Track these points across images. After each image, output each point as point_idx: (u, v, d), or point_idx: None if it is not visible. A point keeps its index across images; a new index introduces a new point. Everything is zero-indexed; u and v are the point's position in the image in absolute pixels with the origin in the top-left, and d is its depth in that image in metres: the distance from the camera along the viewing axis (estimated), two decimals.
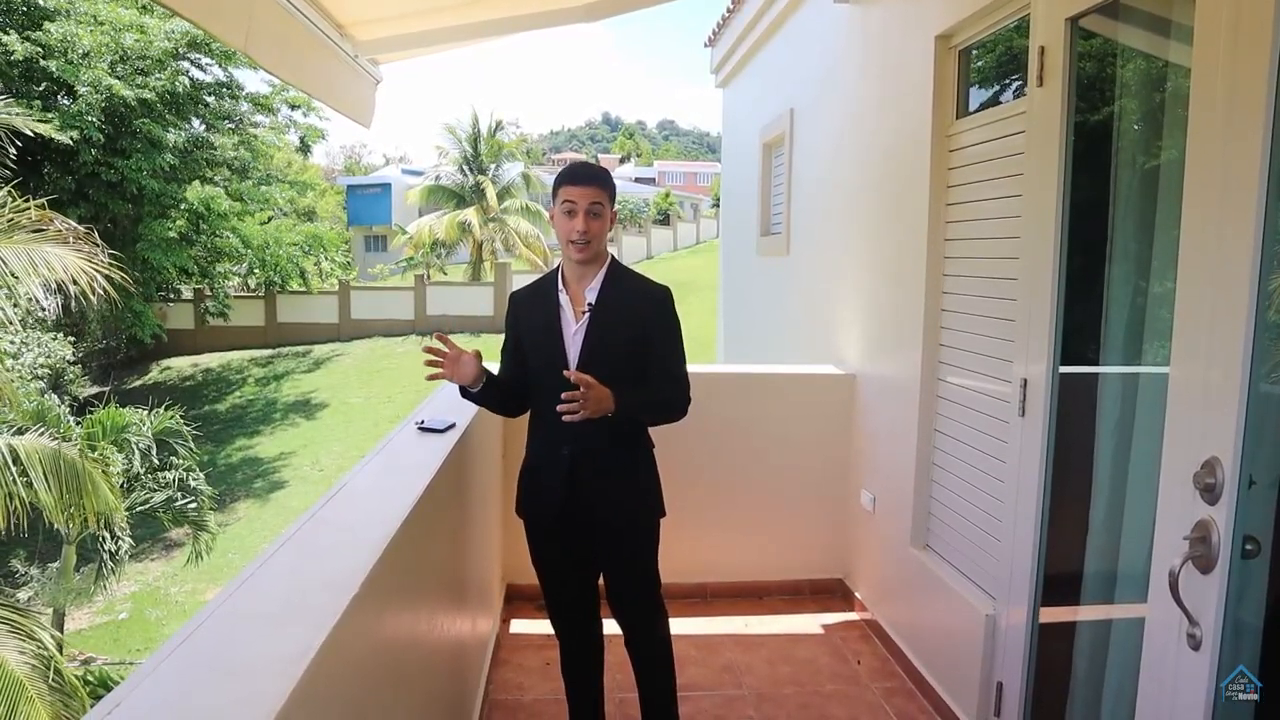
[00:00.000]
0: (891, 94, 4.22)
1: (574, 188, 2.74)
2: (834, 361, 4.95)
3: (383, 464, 2.60)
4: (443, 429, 2.85)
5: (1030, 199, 2.97)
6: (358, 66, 3.84)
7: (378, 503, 2.22)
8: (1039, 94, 2.91)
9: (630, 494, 2.90)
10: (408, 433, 2.86)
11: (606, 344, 2.79)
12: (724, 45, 8.38)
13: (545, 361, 2.85)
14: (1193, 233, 2.12)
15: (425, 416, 2.98)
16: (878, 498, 4.34)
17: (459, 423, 2.98)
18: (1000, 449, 3.19)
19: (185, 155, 22.12)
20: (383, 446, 2.74)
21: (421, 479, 2.39)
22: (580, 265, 2.82)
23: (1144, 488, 2.67)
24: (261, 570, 1.70)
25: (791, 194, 6.16)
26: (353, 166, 61.69)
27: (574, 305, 2.84)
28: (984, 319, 3.36)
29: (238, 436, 22.81)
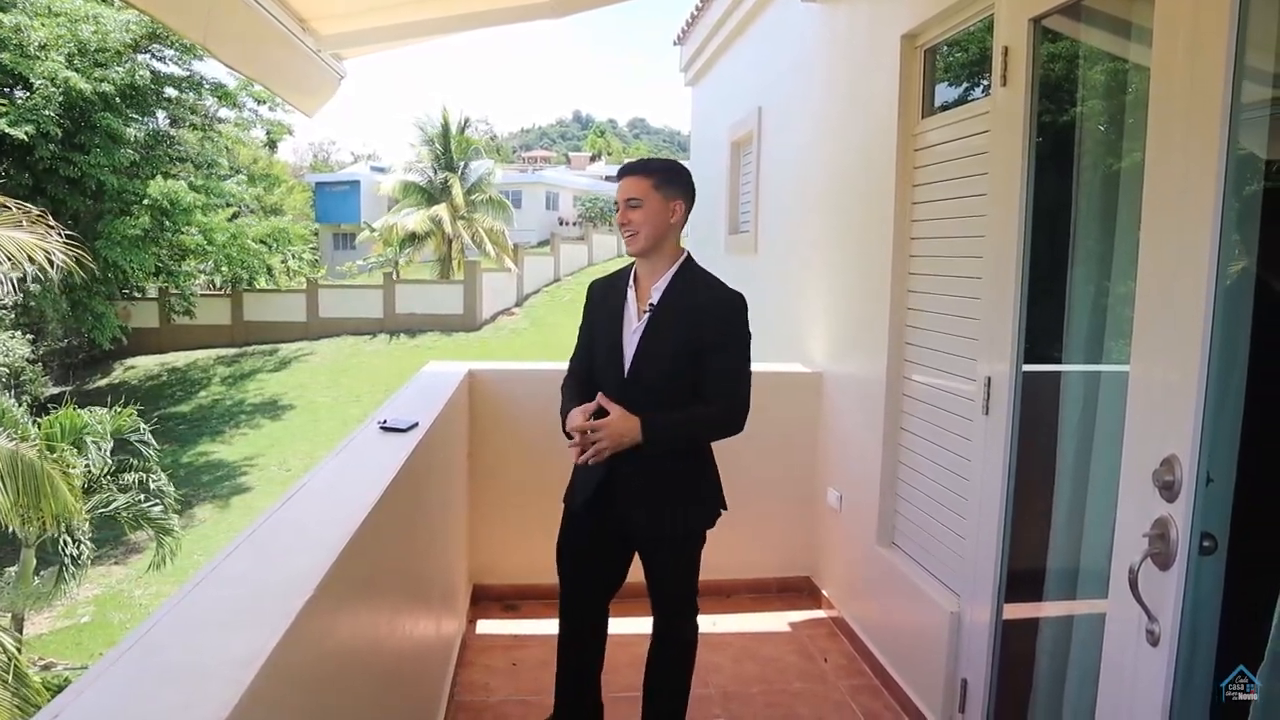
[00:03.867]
0: (858, 93, 4.23)
1: (619, 184, 2.71)
2: (801, 360, 4.96)
3: (343, 464, 2.56)
4: (405, 428, 2.81)
5: (994, 198, 2.98)
6: (321, 62, 3.79)
7: (336, 504, 2.18)
8: (1003, 94, 2.93)
9: (669, 508, 2.78)
10: (369, 432, 2.82)
11: (660, 348, 2.69)
12: (693, 43, 8.37)
13: (603, 358, 2.79)
14: (1152, 231, 2.14)
15: (388, 416, 2.94)
16: (844, 496, 4.35)
17: (422, 422, 2.94)
18: (965, 447, 3.21)
19: (147, 150, 21.81)
20: (344, 446, 2.70)
21: (382, 479, 2.35)
22: (644, 260, 2.75)
23: (1105, 485, 2.69)
24: (214, 574, 1.66)
25: (759, 193, 6.17)
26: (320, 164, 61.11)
27: (638, 302, 2.76)
28: (949, 318, 3.38)
29: (202, 438, 22.53)
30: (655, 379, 2.67)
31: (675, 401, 2.69)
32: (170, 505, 13.55)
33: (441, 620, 3.58)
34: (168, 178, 21.70)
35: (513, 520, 4.49)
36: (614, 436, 2.60)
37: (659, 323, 2.69)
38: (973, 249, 3.16)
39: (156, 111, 22.84)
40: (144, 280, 23.93)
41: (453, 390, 3.84)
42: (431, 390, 3.77)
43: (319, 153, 65.89)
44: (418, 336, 28.86)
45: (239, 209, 26.86)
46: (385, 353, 27.82)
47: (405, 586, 2.71)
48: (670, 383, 2.68)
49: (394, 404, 3.35)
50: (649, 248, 2.71)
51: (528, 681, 3.83)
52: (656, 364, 2.68)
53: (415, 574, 2.93)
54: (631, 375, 2.70)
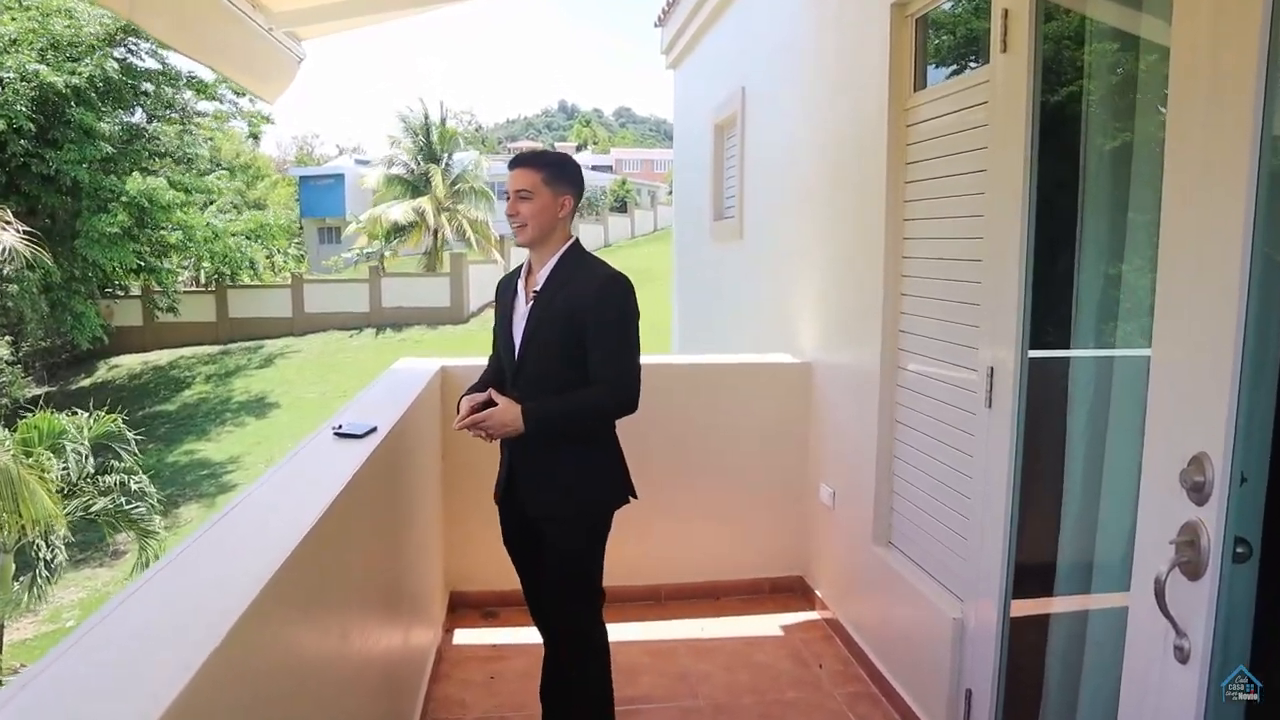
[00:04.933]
0: (847, 69, 4.01)
1: (510, 174, 2.72)
2: (789, 350, 4.74)
3: (290, 473, 2.34)
4: (361, 434, 2.58)
5: (994, 175, 2.77)
6: (275, 41, 3.55)
7: (279, 515, 2.02)
8: (1002, 61, 2.71)
9: (561, 489, 2.79)
10: (322, 439, 2.60)
11: (543, 334, 2.72)
12: (674, 24, 8.13)
13: (501, 348, 2.88)
14: (1178, 205, 1.93)
15: (344, 420, 2.71)
16: (838, 492, 4.15)
17: (382, 425, 2.72)
18: (966, 442, 3.00)
19: (124, 145, 21.45)
20: (293, 455, 2.48)
21: (333, 487, 2.15)
22: (534, 251, 2.79)
23: (1121, 482, 2.49)
24: (142, 590, 1.53)
25: (744, 177, 5.95)
26: (304, 157, 60.57)
27: (527, 292, 2.81)
28: (947, 303, 3.17)
29: (188, 436, 22.24)
30: (539, 366, 2.73)
31: (558, 384, 2.71)
32: (152, 507, 13.30)
33: (411, 630, 3.37)
34: (146, 174, 21.32)
35: (491, 522, 4.22)
36: (496, 426, 2.66)
37: (541, 310, 2.72)
38: (971, 229, 2.95)
39: (133, 106, 22.48)
40: (125, 278, 23.62)
41: (421, 388, 3.62)
42: (398, 389, 3.55)
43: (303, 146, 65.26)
44: (404, 330, 28.57)
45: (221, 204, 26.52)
46: (372, 347, 27.53)
47: (366, 597, 2.51)
48: (555, 368, 2.71)
49: (355, 406, 3.12)
50: (537, 239, 2.74)
51: (507, 695, 3.62)
52: (540, 350, 2.73)
53: (379, 583, 2.73)
54: (518, 363, 2.76)
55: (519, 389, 2.74)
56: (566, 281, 2.72)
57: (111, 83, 20.34)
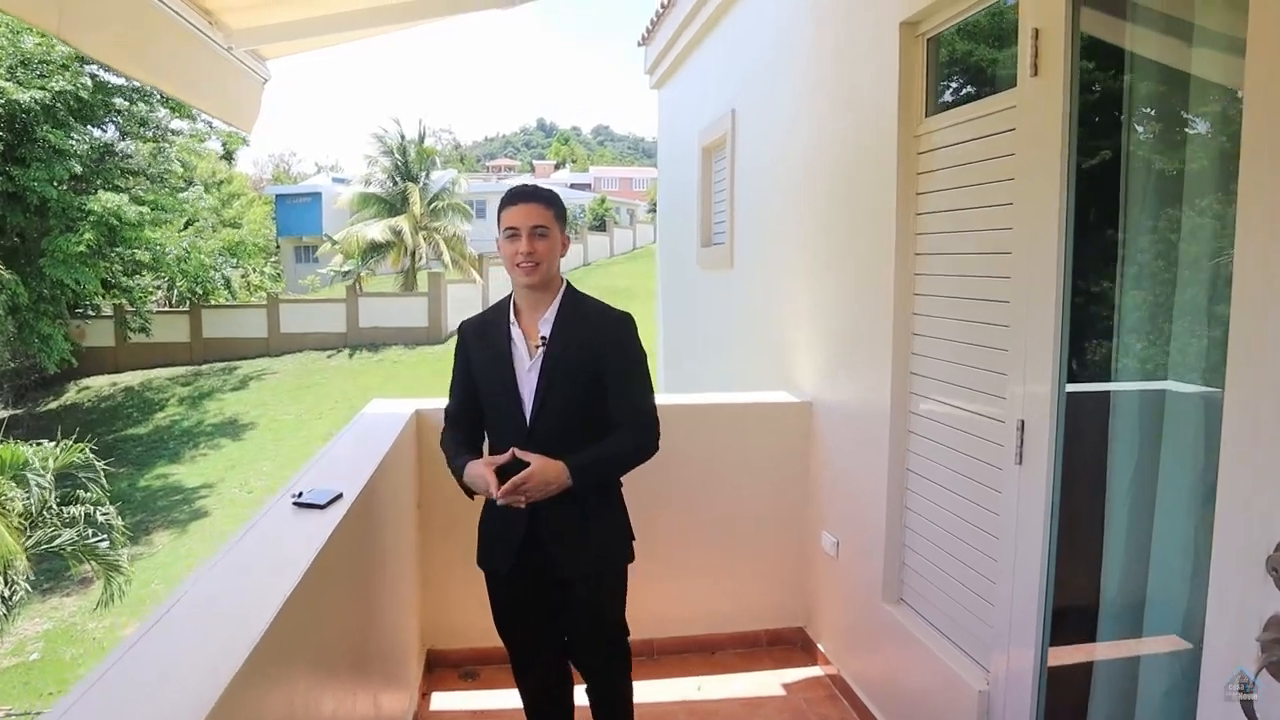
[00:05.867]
0: (850, 91, 3.77)
1: (514, 209, 2.53)
2: (786, 386, 4.48)
3: (246, 552, 2.05)
4: (324, 503, 2.29)
5: (1024, 207, 2.52)
6: (233, 60, 3.27)
7: (234, 607, 1.78)
8: (1033, 85, 2.47)
9: (594, 546, 2.66)
10: (281, 509, 2.30)
11: (563, 383, 2.54)
12: (659, 43, 7.90)
13: (498, 402, 2.61)
14: (1257, 235, 1.67)
15: (304, 486, 2.42)
16: (841, 542, 3.88)
17: (348, 490, 2.43)
18: (992, 499, 2.74)
19: (95, 163, 21.06)
20: (249, 528, 2.19)
21: (292, 571, 1.88)
22: (531, 292, 2.59)
23: (1175, 544, 2.25)
24: (97, 685, 1.43)
25: (735, 202, 5.70)
26: (281, 175, 60.02)
27: (527, 339, 2.59)
28: (966, 346, 2.91)
29: (160, 460, 21.76)
30: (560, 417, 2.54)
31: (581, 435, 2.55)
32: (118, 540, 12.87)
33: (382, 697, 3.06)
34: (117, 192, 20.90)
35: (470, 575, 3.90)
36: (541, 486, 2.45)
37: (556, 357, 2.54)
38: (996, 267, 2.70)
39: (105, 123, 22.09)
40: (94, 298, 23.14)
41: (394, 438, 3.32)
42: (368, 440, 3.25)
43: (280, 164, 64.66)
44: (381, 350, 28.20)
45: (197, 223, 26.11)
46: (348, 368, 27.14)
47: (332, 668, 2.23)
48: (573, 418, 2.55)
49: (320, 463, 2.81)
50: (547, 279, 2.58)
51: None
52: (559, 401, 2.54)
53: (346, 653, 2.44)
54: (536, 416, 2.55)
55: (538, 441, 2.52)
56: (577, 325, 2.58)
57: (83, 100, 19.97)
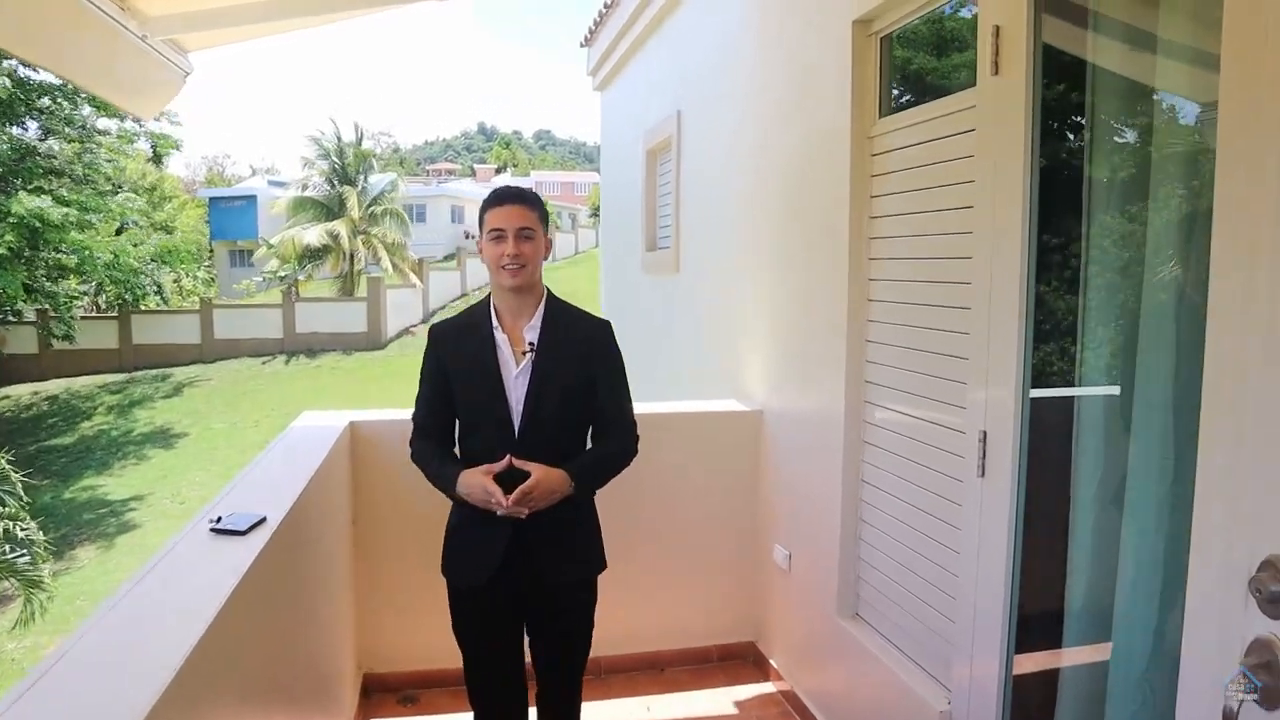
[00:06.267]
0: (799, 92, 3.68)
1: (500, 210, 2.48)
2: (736, 395, 4.37)
3: (155, 586, 1.87)
4: (244, 529, 2.11)
5: (985, 211, 2.44)
6: (150, 50, 3.06)
7: (142, 652, 1.59)
8: (993, 85, 2.39)
9: (576, 554, 2.63)
10: (197, 536, 2.12)
11: (552, 388, 2.50)
12: (601, 44, 7.77)
13: (482, 410, 2.53)
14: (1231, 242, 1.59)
15: (225, 509, 2.23)
16: (794, 555, 3.78)
17: (273, 513, 2.25)
18: (951, 512, 2.66)
19: (15, 163, 20.28)
20: (159, 560, 2.00)
21: (207, 606, 1.71)
22: (516, 297, 2.52)
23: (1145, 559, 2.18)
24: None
25: (680, 205, 5.59)
26: (215, 178, 58.59)
27: (513, 345, 2.52)
28: (924, 354, 2.82)
29: (86, 471, 21.02)
30: (549, 423, 2.50)
31: (570, 444, 2.56)
32: (39, 556, 12.32)
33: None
34: (40, 193, 20.15)
35: (408, 595, 3.78)
36: (547, 495, 2.40)
37: (545, 363, 2.50)
38: (954, 272, 2.62)
39: (26, 121, 21.29)
40: (15, 302, 22.27)
41: (326, 453, 3.14)
42: (298, 456, 3.06)
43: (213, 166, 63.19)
44: (318, 357, 27.65)
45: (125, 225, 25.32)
46: (285, 374, 26.55)
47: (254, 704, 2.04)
48: (563, 425, 2.54)
49: (244, 483, 2.61)
50: (531, 282, 2.54)
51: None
52: (549, 408, 2.50)
53: (271, 686, 2.25)
54: (525, 424, 2.49)
55: (527, 448, 2.45)
56: (563, 330, 2.55)
57: (0, 98, 19.21)
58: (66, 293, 22.90)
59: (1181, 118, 2.25)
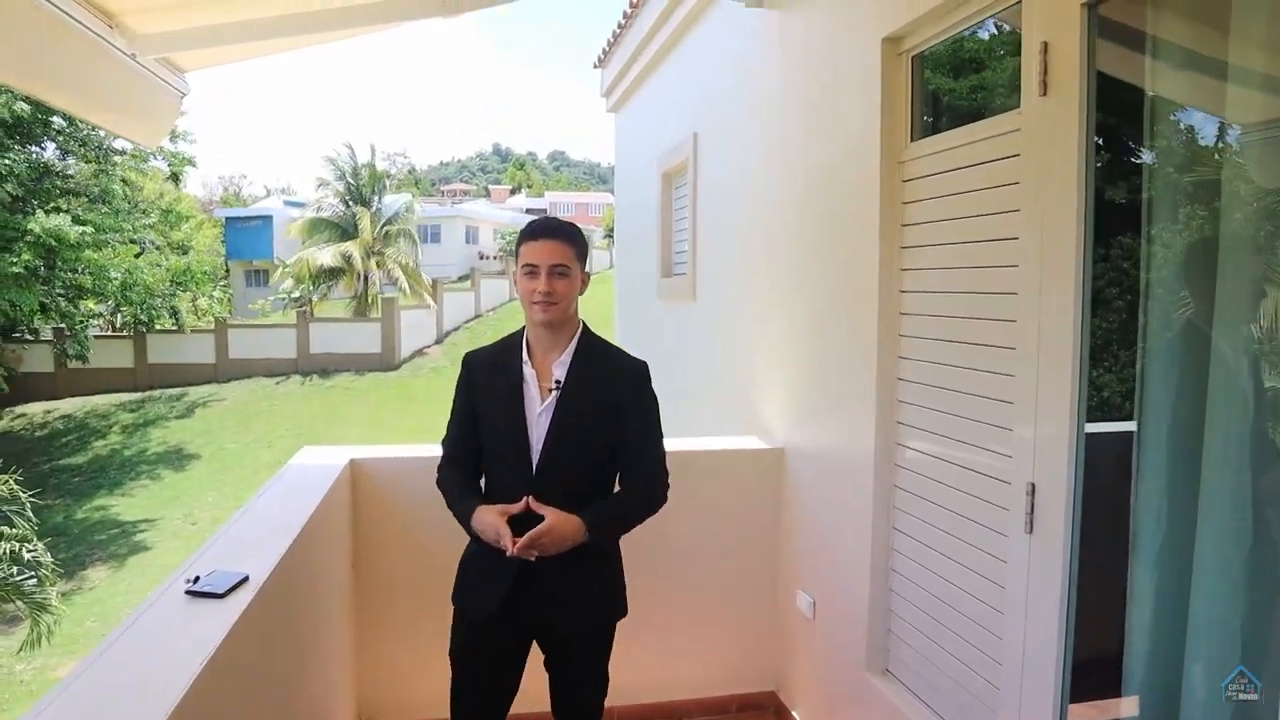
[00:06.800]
0: (823, 113, 3.50)
1: (534, 245, 2.40)
2: (756, 431, 4.16)
3: (122, 659, 1.68)
4: (223, 591, 1.92)
5: (1033, 242, 2.24)
6: (141, 69, 2.91)
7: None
8: (1041, 106, 2.20)
9: (585, 599, 2.51)
10: (172, 599, 1.92)
11: (575, 429, 2.42)
12: (615, 65, 7.63)
13: (504, 443, 2.48)
14: None
15: (207, 563, 2.05)
16: (818, 602, 3.56)
17: (256, 570, 2.07)
18: (994, 568, 2.45)
19: (34, 184, 20.35)
20: (125, 629, 1.81)
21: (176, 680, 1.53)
22: (548, 332, 2.46)
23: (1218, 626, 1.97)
24: None
25: (698, 231, 5.41)
26: (231, 198, 58.92)
27: (540, 380, 2.46)
28: (963, 396, 2.62)
29: (99, 491, 20.97)
30: (568, 464, 2.42)
31: (589, 485, 2.47)
32: (47, 578, 12.20)
33: None
34: (57, 213, 20.19)
35: (411, 641, 3.59)
36: (558, 543, 2.32)
37: (571, 401, 2.42)
38: (997, 309, 2.42)
39: (44, 142, 21.37)
40: (31, 320, 22.31)
41: (325, 493, 2.96)
42: (294, 499, 2.88)
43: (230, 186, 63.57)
44: (332, 377, 27.58)
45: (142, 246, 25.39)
46: (298, 395, 26.49)
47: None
48: (583, 466, 2.46)
49: (213, 548, 2.39)
50: (562, 319, 2.45)
51: None
52: (570, 449, 2.43)
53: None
54: (543, 462, 2.42)
55: (544, 489, 2.38)
56: (593, 369, 2.47)
57: (20, 118, 19.28)
58: (83, 312, 22.92)
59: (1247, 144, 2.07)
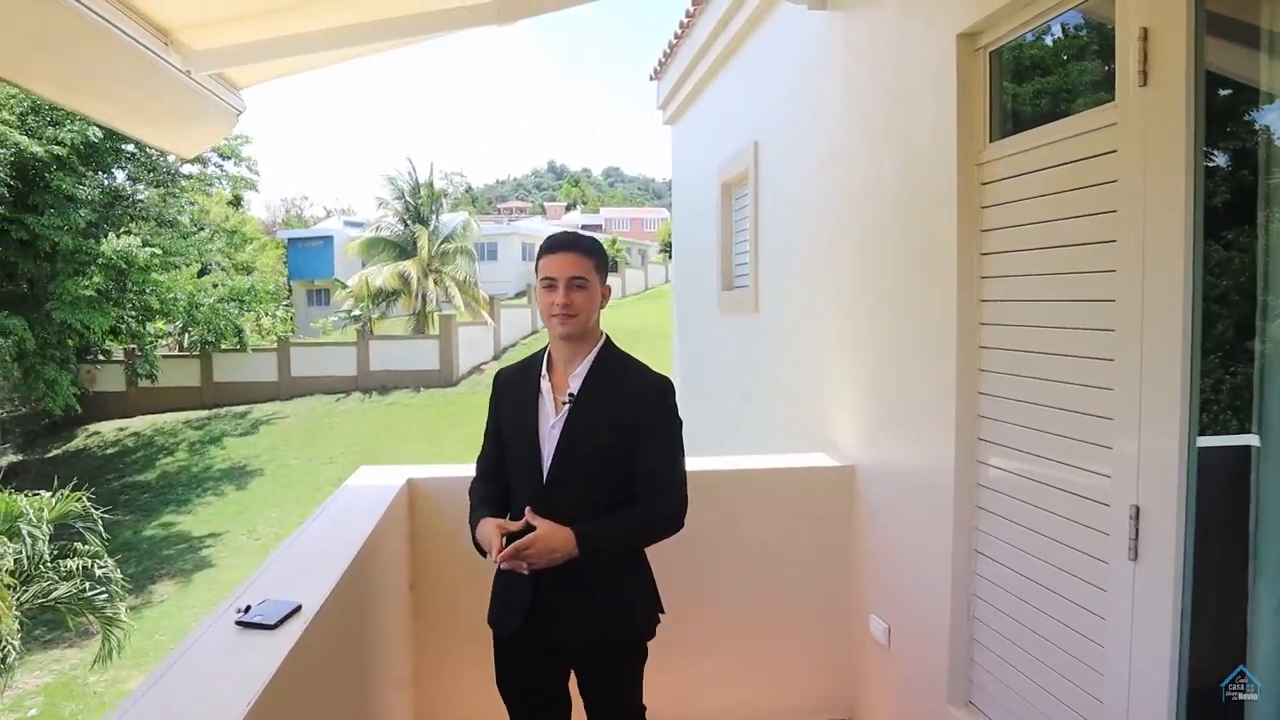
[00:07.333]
0: (894, 114, 3.35)
1: (552, 258, 2.39)
2: (825, 448, 4.00)
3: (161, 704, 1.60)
4: (274, 622, 1.83)
5: (1134, 246, 2.07)
6: (198, 87, 2.88)
7: None
8: (1141, 99, 2.04)
9: (600, 620, 2.44)
10: (221, 629, 1.84)
11: (585, 442, 2.39)
12: (671, 76, 7.54)
13: (519, 455, 2.47)
14: None
15: (252, 599, 1.96)
16: (894, 628, 3.39)
17: (310, 599, 1.98)
18: (1093, 597, 2.27)
19: (105, 210, 20.98)
20: (172, 664, 1.73)
21: None
22: (566, 344, 2.44)
23: None
24: None
25: (759, 242, 5.27)
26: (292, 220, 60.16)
27: (555, 394, 2.45)
28: (1054, 411, 2.45)
29: (166, 507, 21.41)
30: (578, 478, 2.39)
31: (600, 501, 2.39)
32: (116, 594, 12.43)
33: None
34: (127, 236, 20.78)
35: (472, 664, 3.42)
36: (545, 554, 2.26)
37: (581, 415, 2.40)
38: (1092, 317, 2.26)
39: (114, 169, 22.02)
40: (103, 342, 22.97)
41: (381, 514, 2.88)
42: (350, 521, 2.80)
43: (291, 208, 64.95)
44: (391, 394, 27.87)
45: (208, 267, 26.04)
46: (359, 411, 26.81)
47: None
48: (594, 482, 2.40)
49: (263, 577, 2.30)
50: (583, 332, 2.43)
51: None
52: (579, 462, 2.39)
53: None
54: (552, 475, 2.40)
55: (552, 502, 2.35)
56: (609, 383, 2.44)
57: (93, 145, 19.88)
58: (151, 333, 23.52)
59: None
